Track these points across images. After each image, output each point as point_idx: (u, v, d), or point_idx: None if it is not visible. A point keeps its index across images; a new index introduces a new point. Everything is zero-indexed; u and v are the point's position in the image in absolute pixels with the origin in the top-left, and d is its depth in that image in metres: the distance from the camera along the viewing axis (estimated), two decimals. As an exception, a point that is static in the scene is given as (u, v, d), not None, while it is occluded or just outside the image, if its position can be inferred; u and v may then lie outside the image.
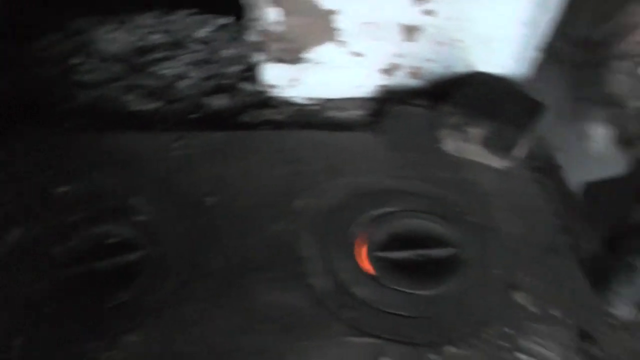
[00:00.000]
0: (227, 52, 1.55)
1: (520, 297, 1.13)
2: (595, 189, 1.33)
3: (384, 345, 1.02)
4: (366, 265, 1.14)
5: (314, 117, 1.44)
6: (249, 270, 1.10)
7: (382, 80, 1.47)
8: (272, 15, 1.34)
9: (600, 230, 1.27)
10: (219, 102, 1.44)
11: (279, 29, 1.36)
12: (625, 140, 1.28)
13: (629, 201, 1.20)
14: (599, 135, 1.34)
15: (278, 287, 1.07)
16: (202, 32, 1.60)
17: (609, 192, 1.28)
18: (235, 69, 1.51)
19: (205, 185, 1.24)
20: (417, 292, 1.11)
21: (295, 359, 0.97)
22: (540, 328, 1.09)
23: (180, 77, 1.49)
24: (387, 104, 1.44)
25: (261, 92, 1.46)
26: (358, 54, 1.42)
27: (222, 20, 1.62)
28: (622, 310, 1.14)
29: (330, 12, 1.35)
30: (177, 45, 1.57)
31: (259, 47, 1.41)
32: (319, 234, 1.17)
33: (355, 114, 1.46)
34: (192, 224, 1.17)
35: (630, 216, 1.18)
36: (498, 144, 1.34)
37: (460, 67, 1.49)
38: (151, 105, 1.42)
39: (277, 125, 1.41)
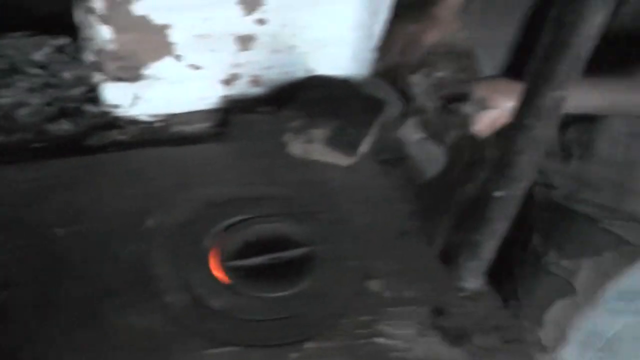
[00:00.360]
0: (68, 74, 1.52)
1: (375, 285, 1.19)
2: (433, 180, 1.44)
3: (243, 352, 1.04)
4: (221, 275, 1.16)
5: (160, 134, 1.44)
6: (104, 298, 1.09)
7: (224, 91, 1.49)
8: (104, 34, 1.33)
9: (444, 214, 1.36)
10: (63, 127, 1.41)
11: (114, 47, 1.35)
12: (435, 137, 1.40)
13: (454, 187, 1.30)
14: (415, 139, 1.47)
15: (134, 311, 1.07)
16: (39, 55, 1.55)
17: (442, 181, 1.38)
18: (77, 91, 1.49)
19: (56, 216, 1.22)
20: (274, 294, 1.14)
21: (157, 379, 0.99)
22: (397, 311, 1.15)
23: (20, 104, 1.45)
24: (231, 114, 1.46)
25: (105, 113, 1.44)
26: (197, 67, 1.43)
27: (60, 42, 1.58)
28: (470, 282, 1.22)
29: (163, 27, 1.36)
30: (13, 71, 1.52)
31: (97, 67, 1.40)
32: (172, 250, 1.18)
33: (200, 126, 1.48)
34: (44, 259, 1.14)
35: (459, 199, 1.28)
36: (342, 143, 1.40)
37: (300, 72, 1.53)
38: (-11, 139, 1.38)
39: (124, 145, 1.40)
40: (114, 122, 1.44)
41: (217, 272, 1.16)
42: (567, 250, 1.71)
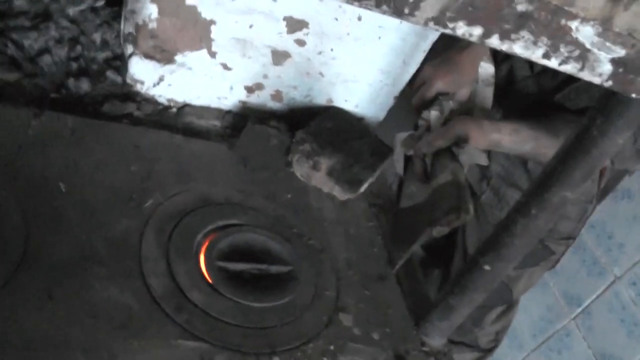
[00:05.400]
0: (97, 36, 1.51)
1: (345, 319, 1.24)
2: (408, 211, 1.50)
3: (212, 351, 1.07)
4: (205, 272, 1.18)
5: (173, 120, 1.47)
6: (89, 264, 1.09)
7: (244, 97, 1.53)
8: (150, 12, 1.35)
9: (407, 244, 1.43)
10: (83, 86, 1.42)
11: (155, 26, 1.37)
12: (424, 174, 1.46)
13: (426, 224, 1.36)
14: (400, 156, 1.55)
15: (116, 284, 1.08)
16: (74, 10, 1.54)
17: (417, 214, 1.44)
18: (103, 55, 1.49)
19: (58, 169, 1.22)
20: (252, 303, 1.17)
21: (126, 356, 0.99)
22: (360, 348, 1.20)
23: (46, 51, 1.44)
24: (245, 120, 1.50)
25: (126, 85, 1.45)
26: (227, 67, 1.47)
27: (95, 3, 1.58)
28: (435, 340, 1.29)
29: (208, 22, 1.39)
30: (46, 17, 1.50)
31: (132, 40, 1.41)
32: (164, 236, 1.20)
33: (213, 123, 1.51)
34: (38, 209, 1.14)
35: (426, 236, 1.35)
36: (343, 177, 1.45)
37: (320, 99, 1.59)
38: (9, 75, 1.38)
39: (136, 121, 1.42)
40: (132, 96, 1.46)
41: (202, 268, 1.18)
42: None
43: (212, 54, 1.44)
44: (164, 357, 1.03)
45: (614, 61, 0.81)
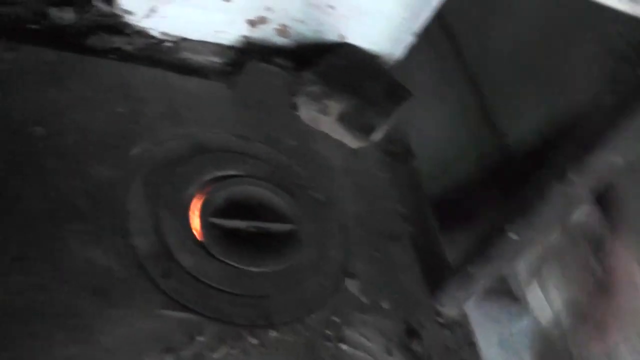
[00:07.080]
0: (82, -40, 1.36)
1: (352, 285, 1.11)
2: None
3: (201, 323, 0.95)
4: (197, 230, 1.06)
5: (166, 55, 1.32)
6: (66, 219, 0.97)
7: (246, 31, 1.37)
8: None
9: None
10: (66, 16, 1.27)
11: (145, -50, 1.22)
12: None
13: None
14: None
15: (96, 243, 0.96)
16: None
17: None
18: (89, -19, 1.33)
19: (34, 110, 1.08)
20: (247, 267, 1.05)
21: (103, 328, 0.88)
22: (368, 319, 1.08)
23: (24, -23, 1.29)
24: (246, 57, 1.35)
25: (115, 16, 1.30)
26: (227, -2, 1.31)
27: None
28: (450, 310, 1.16)
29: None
30: None
31: (119, -36, 1.25)
32: (151, 188, 1.07)
33: (211, 60, 1.36)
34: (10, 155, 1.01)
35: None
36: (355, 123, 1.31)
37: (330, 36, 1.43)
38: (-17, 5, 1.23)
39: (125, 56, 1.27)
40: (121, 29, 1.30)
41: (194, 226, 1.06)
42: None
43: (212, -17, 1.28)
44: (146, 329, 0.91)
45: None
